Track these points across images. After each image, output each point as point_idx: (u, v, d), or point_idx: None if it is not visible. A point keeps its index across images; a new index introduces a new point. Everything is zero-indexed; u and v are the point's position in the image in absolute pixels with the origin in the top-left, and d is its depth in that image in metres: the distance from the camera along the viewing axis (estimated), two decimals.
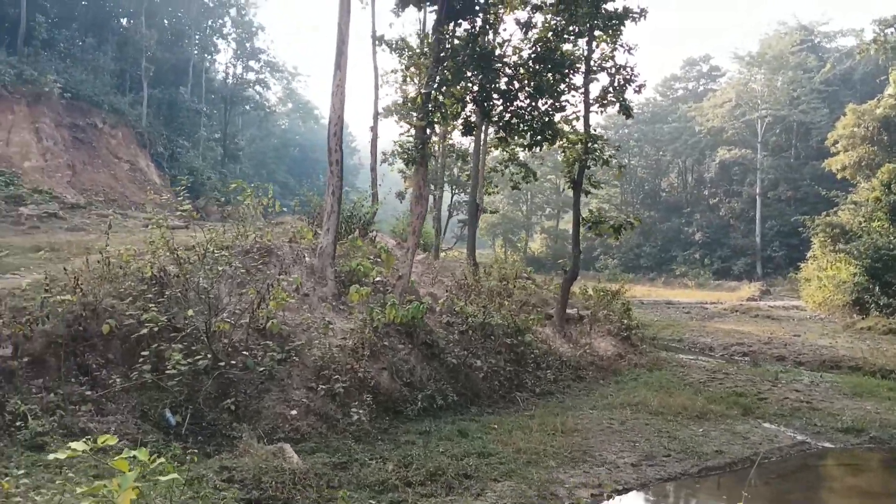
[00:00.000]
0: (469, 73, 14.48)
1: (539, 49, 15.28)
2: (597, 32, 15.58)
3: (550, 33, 15.29)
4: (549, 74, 15.19)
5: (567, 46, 15.81)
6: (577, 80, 15.83)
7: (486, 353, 11.30)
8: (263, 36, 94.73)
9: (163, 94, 45.24)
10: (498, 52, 15.35)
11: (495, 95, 15.13)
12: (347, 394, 8.72)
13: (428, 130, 13.81)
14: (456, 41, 14.15)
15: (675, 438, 8.92)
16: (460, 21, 14.37)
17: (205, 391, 7.75)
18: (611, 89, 15.90)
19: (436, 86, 13.36)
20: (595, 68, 15.92)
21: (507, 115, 15.51)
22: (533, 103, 15.50)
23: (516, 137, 16.46)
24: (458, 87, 14.65)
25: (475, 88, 14.91)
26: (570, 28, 15.40)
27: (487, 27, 16.28)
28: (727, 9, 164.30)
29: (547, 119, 15.61)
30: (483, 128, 21.40)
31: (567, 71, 15.50)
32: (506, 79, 15.33)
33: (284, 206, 17.20)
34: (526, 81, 15.19)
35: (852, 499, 8.13)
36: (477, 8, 14.08)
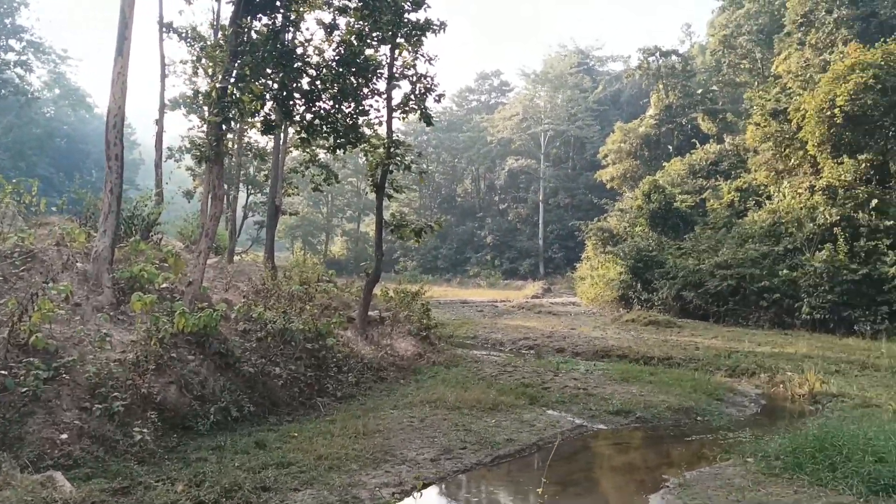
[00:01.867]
0: (269, 71, 14.01)
1: (342, 52, 15.23)
2: (399, 40, 15.89)
3: (354, 37, 15.32)
4: (353, 78, 15.20)
5: (371, 52, 15.94)
6: (381, 85, 16.03)
7: (286, 360, 10.99)
8: (27, 12, 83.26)
9: None
10: (300, 51, 15.04)
11: (297, 95, 14.79)
12: (129, 412, 7.95)
13: (223, 127, 13.11)
14: (255, 36, 13.61)
15: (471, 431, 9.38)
16: (259, 15, 13.85)
17: None
18: (412, 97, 16.30)
19: (232, 81, 12.73)
20: (398, 75, 16.23)
21: (310, 116, 15.24)
22: (336, 105, 15.40)
23: (319, 139, 16.24)
24: (258, 84, 14.12)
25: (276, 86, 14.45)
26: (374, 34, 15.55)
27: (289, 24, 15.87)
28: (517, 26, 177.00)
29: (350, 122, 15.61)
30: (284, 127, 20.83)
31: (370, 76, 15.63)
32: (308, 79, 15.05)
33: (51, 205, 15.30)
34: (329, 83, 15.05)
35: (623, 474, 9.13)
36: (278, 4, 13.64)
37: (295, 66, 14.28)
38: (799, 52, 35.76)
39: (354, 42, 15.22)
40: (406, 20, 15.28)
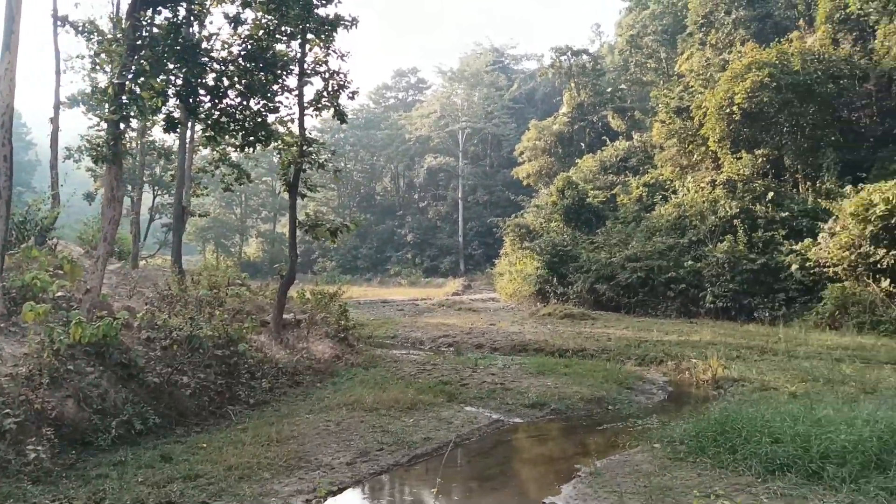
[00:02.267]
0: (171, 66, 13.41)
1: (250, 46, 14.76)
2: (310, 36, 15.56)
3: (262, 31, 14.87)
4: (262, 74, 14.76)
5: (281, 47, 15.53)
6: (292, 81, 15.65)
7: (194, 368, 10.56)
8: None
9: None
10: (205, 45, 14.47)
11: (202, 91, 14.22)
12: (22, 430, 7.43)
13: (122, 125, 12.46)
14: (156, 30, 12.99)
15: (388, 432, 9.31)
16: (160, 8, 13.22)
17: None
18: (325, 94, 16.01)
19: (131, 76, 12.11)
20: (309, 72, 15.89)
21: (216, 113, 14.70)
22: (244, 102, 14.92)
23: (227, 137, 15.69)
24: (159, 80, 13.48)
25: (179, 82, 13.86)
26: (283, 28, 15.16)
27: (192, 18, 15.22)
28: (424, 20, 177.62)
29: (260, 119, 15.15)
30: (190, 125, 20.03)
31: (280, 72, 15.22)
32: (214, 74, 14.51)
33: None
34: (236, 79, 14.55)
35: (538, 465, 9.29)
36: None
37: (199, 61, 13.73)
38: (700, 51, 37.56)
39: (262, 36, 14.78)
40: (315, 15, 14.95)
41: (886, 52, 26.61)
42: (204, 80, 14.15)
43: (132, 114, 12.51)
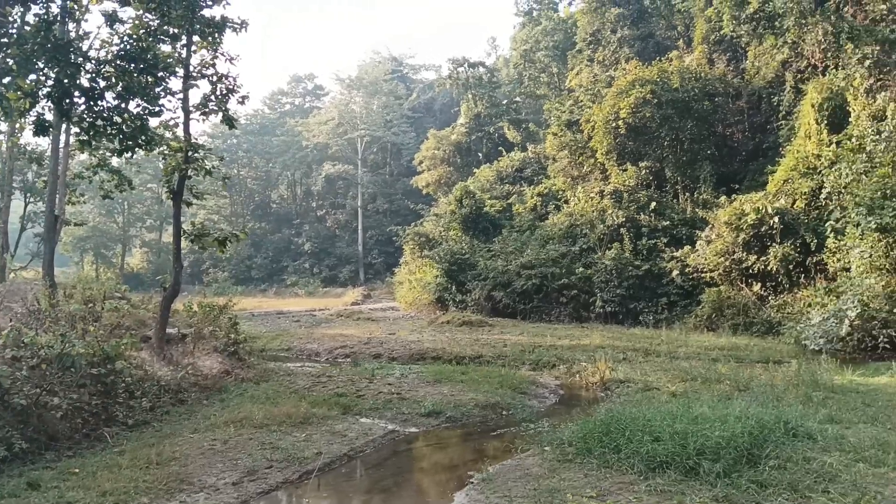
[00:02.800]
0: (41, 66, 12.48)
1: (129, 47, 13.97)
2: (196, 38, 14.94)
3: (143, 31, 14.12)
4: (142, 75, 14.00)
5: (167, 48, 14.81)
6: (176, 84, 14.94)
7: (66, 389, 9.78)
8: None
9: None
10: (81, 45, 13.57)
11: (76, 93, 13.32)
12: None
13: None
14: (26, 27, 12.05)
15: (278, 448, 8.99)
16: (29, 4, 12.30)
17: None
18: (212, 98, 15.38)
19: None
20: (195, 74, 15.20)
21: (92, 116, 13.80)
22: (123, 105, 14.10)
23: (104, 141, 14.77)
24: (28, 81, 12.52)
25: (50, 83, 12.90)
26: (166, 29, 14.46)
27: (66, 15, 14.24)
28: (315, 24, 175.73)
29: (140, 123, 14.36)
30: (64, 128, 18.69)
31: (161, 73, 14.50)
32: (89, 75, 13.62)
33: None
34: (114, 80, 13.73)
35: (431, 475, 9.28)
36: None
37: (73, 61, 12.85)
38: (589, 67, 39.27)
39: (143, 36, 14.03)
40: (201, 16, 14.37)
41: (756, 71, 28.87)
42: (78, 81, 13.27)
43: None
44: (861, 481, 6.74)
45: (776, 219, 21.25)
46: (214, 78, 15.29)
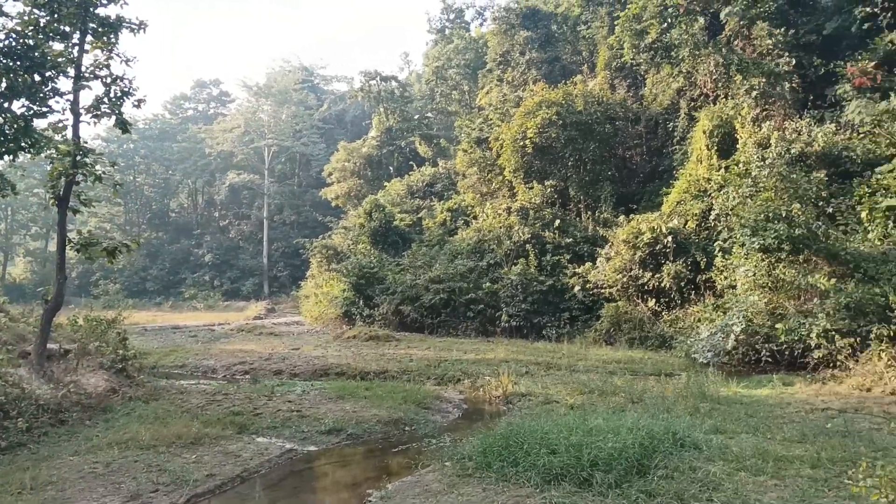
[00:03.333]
0: None
1: (14, 43, 13.02)
2: (90, 37, 14.12)
3: (31, 28, 13.20)
4: (28, 74, 13.07)
5: (59, 46, 13.89)
6: (66, 84, 14.03)
7: None
8: None
9: None
10: None
11: None
12: None
13: None
14: None
15: (166, 471, 8.50)
16: None
17: None
18: (105, 100, 14.56)
19: None
20: (88, 75, 14.35)
21: None
22: (6, 104, 13.11)
23: None
24: None
25: None
26: (56, 26, 13.59)
27: None
28: (223, 27, 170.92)
29: (25, 124, 13.37)
30: None
31: (51, 73, 13.59)
32: None
33: None
34: None
35: (329, 494, 9.06)
36: None
37: None
38: (498, 87, 40.15)
39: (30, 33, 13.12)
40: (95, 15, 13.62)
41: (654, 98, 30.41)
42: None
43: None
44: (742, 489, 7.11)
45: (670, 238, 22.35)
46: (108, 79, 14.50)
